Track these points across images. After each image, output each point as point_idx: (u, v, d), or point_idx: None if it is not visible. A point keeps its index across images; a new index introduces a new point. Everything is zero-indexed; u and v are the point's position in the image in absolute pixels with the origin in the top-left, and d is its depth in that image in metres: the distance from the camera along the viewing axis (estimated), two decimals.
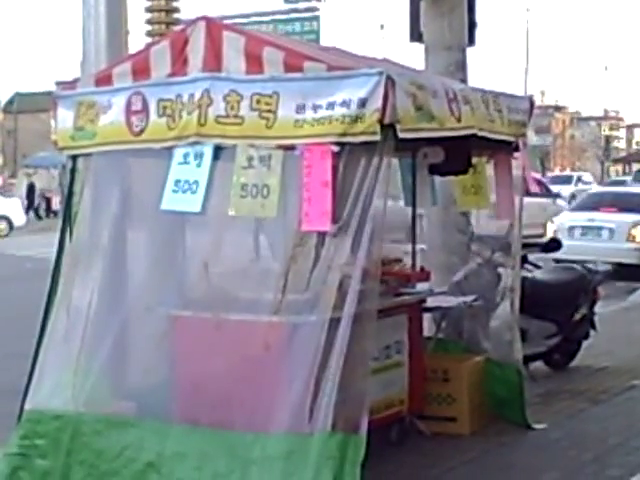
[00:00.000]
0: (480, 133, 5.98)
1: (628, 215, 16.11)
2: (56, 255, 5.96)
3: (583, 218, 16.36)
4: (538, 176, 30.99)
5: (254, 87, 5.22)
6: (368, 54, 6.55)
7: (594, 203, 16.89)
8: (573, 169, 71.67)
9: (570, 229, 16.35)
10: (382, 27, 59.26)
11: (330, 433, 4.87)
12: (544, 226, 17.38)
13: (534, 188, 7.26)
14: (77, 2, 7.11)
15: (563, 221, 16.94)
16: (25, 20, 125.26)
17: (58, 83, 6.11)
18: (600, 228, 16.21)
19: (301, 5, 19.59)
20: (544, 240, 11.62)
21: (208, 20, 5.52)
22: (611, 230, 16.08)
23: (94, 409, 5.50)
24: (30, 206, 36.94)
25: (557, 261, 11.63)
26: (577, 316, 8.90)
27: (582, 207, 17.26)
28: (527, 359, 7.88)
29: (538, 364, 8.71)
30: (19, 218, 29.51)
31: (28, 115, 57.93)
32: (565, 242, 10.66)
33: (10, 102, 61.43)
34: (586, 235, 16.25)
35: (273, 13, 19.83)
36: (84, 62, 6.98)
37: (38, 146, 45.72)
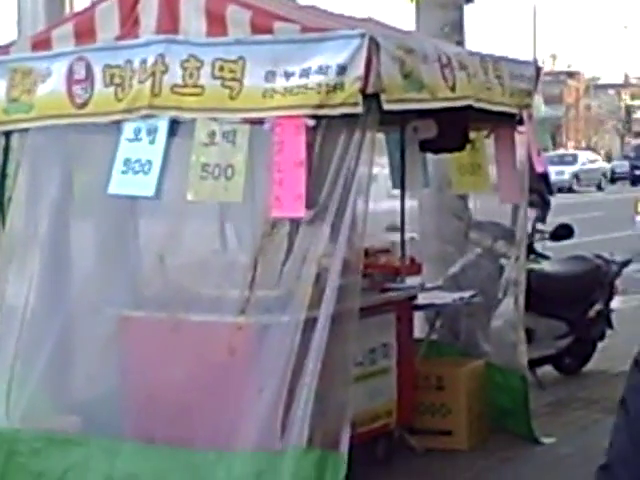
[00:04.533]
0: (477, 104, 5.98)
1: None
2: None
3: None
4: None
5: (216, 52, 5.21)
6: (350, 13, 6.55)
7: None
8: (589, 144, 71.98)
9: None
10: None
11: (305, 450, 4.89)
12: None
13: (541, 168, 7.26)
14: None
15: None
16: None
17: None
18: None
19: None
20: None
21: None
22: None
23: (32, 425, 5.49)
24: None
25: None
26: (591, 313, 8.93)
27: None
28: (534, 363, 7.92)
29: (546, 369, 8.74)
30: None
31: None
32: None
33: None
34: None
35: None
36: (19, 22, 6.94)
37: None
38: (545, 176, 20.42)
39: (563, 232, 9.14)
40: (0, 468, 5.40)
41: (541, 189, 19.49)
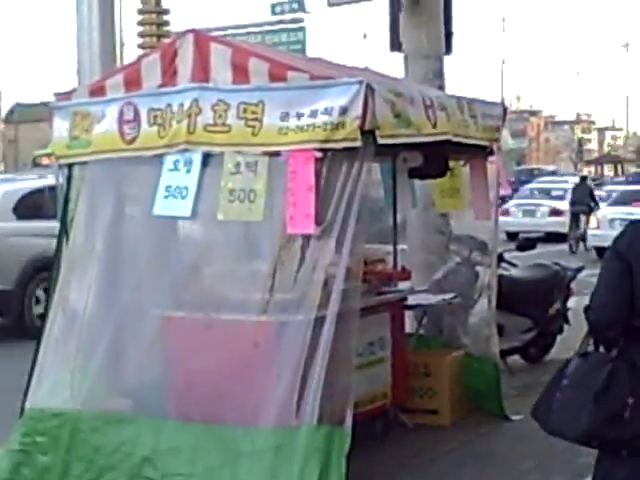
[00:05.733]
0: (455, 139, 5.98)
1: None
2: (54, 259, 5.95)
3: (622, 212, 18.27)
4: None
5: (241, 96, 5.22)
6: (352, 63, 6.57)
7: (628, 199, 19.35)
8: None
9: (611, 221, 18.39)
10: (365, 36, 59.35)
11: (316, 426, 4.87)
12: None
13: (507, 190, 7.42)
14: (73, 14, 7.10)
15: (605, 214, 19.40)
16: (24, 32, 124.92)
17: (56, 94, 6.10)
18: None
19: (287, 16, 19.59)
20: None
21: (196, 33, 5.52)
22: None
23: (92, 407, 5.47)
24: None
25: None
26: (551, 311, 8.92)
27: (618, 202, 19.75)
28: (504, 353, 7.90)
29: (515, 358, 8.72)
30: None
31: (28, 125, 57.62)
32: (608, 232, 14.05)
33: (11, 112, 61.11)
34: None
35: (260, 24, 19.84)
36: (79, 73, 6.97)
37: None
38: (591, 193, 21.92)
39: (527, 244, 9.17)
40: (66, 442, 5.39)
41: (589, 202, 21.41)
